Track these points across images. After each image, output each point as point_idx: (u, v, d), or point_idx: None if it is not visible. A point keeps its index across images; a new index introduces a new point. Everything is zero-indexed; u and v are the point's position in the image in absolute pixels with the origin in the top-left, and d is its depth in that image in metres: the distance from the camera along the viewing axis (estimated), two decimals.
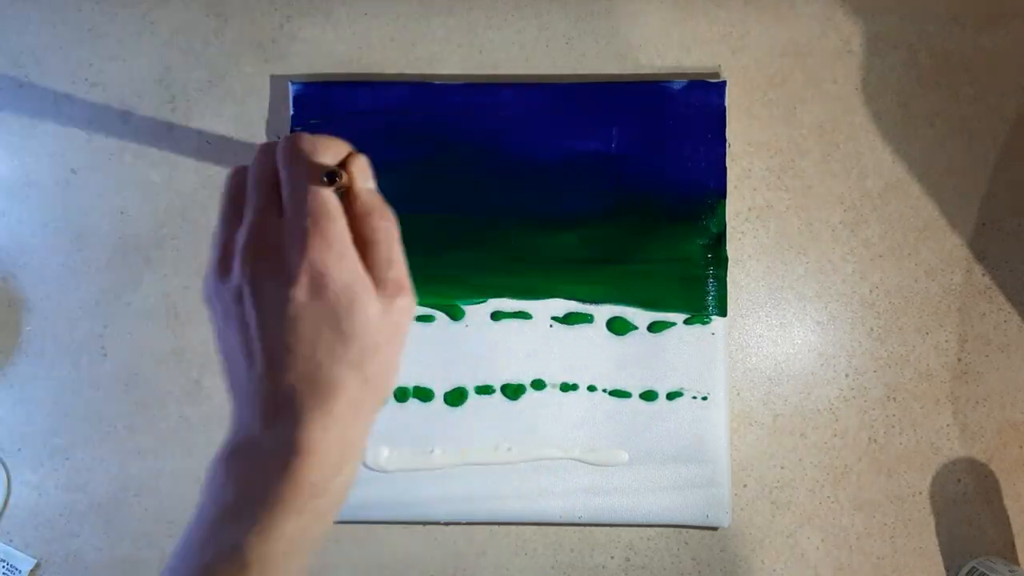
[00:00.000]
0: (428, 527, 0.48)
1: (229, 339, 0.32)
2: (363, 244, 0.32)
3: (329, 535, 0.48)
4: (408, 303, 0.32)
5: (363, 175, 0.33)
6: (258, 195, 0.32)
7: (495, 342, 0.47)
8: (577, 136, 0.48)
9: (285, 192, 0.31)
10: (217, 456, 0.31)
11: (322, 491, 0.30)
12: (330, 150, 0.32)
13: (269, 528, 0.29)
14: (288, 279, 0.30)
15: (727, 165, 0.48)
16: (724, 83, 0.47)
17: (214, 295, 0.32)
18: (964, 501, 0.48)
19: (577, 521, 0.47)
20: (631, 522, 0.47)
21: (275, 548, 0.29)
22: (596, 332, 0.47)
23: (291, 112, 0.48)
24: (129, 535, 0.48)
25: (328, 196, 0.31)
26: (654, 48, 0.49)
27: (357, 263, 0.31)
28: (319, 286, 0.30)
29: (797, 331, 0.48)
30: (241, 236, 0.31)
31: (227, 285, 0.31)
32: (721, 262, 0.47)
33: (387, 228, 0.32)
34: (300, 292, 0.30)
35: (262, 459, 0.30)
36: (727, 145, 0.48)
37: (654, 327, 0.47)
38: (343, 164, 0.32)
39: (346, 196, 0.32)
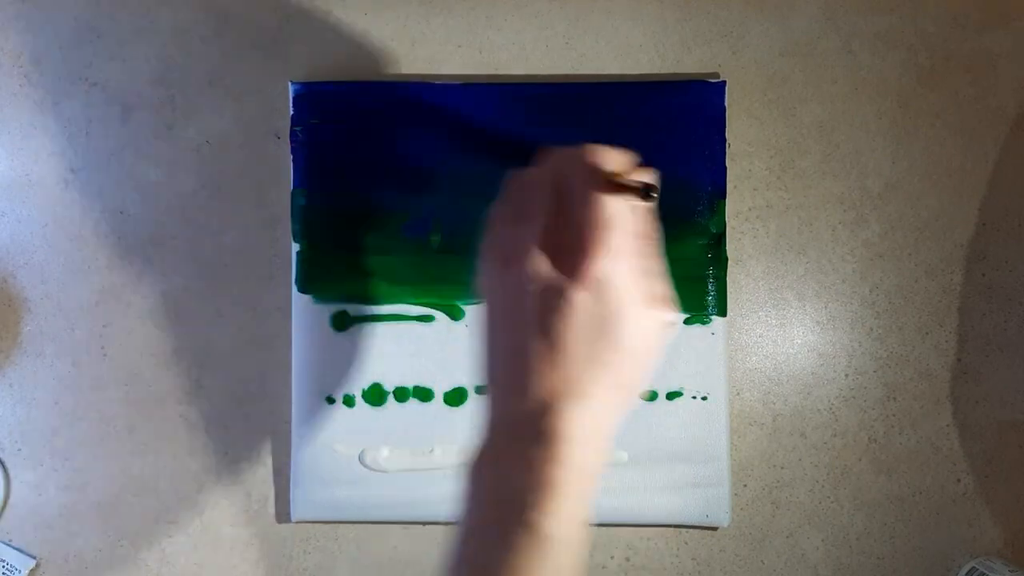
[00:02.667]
0: (428, 527, 0.48)
1: (500, 332, 0.34)
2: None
3: (329, 535, 0.48)
4: (671, 318, 0.34)
5: (651, 188, 0.34)
6: (544, 198, 0.34)
7: None
8: (577, 136, 0.47)
9: (578, 199, 0.33)
10: (479, 448, 0.33)
11: (586, 477, 0.32)
12: (615, 159, 0.34)
13: (554, 508, 0.30)
14: (571, 281, 0.32)
15: (727, 165, 0.48)
16: (724, 83, 0.47)
17: (492, 288, 0.34)
18: (964, 501, 0.48)
19: None
20: (631, 522, 0.47)
21: (564, 530, 0.30)
22: None
23: (291, 112, 0.48)
24: (129, 535, 0.48)
25: (617, 207, 0.32)
26: (654, 48, 0.49)
27: (636, 275, 0.33)
28: (599, 292, 0.32)
29: (797, 331, 0.48)
30: (527, 235, 0.33)
31: (509, 280, 0.33)
32: (721, 262, 0.47)
33: (652, 243, 0.34)
34: (580, 295, 0.32)
35: (530, 448, 0.31)
36: (727, 145, 0.48)
37: None
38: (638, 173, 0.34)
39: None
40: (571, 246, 0.32)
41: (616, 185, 0.32)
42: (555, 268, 0.32)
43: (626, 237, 0.33)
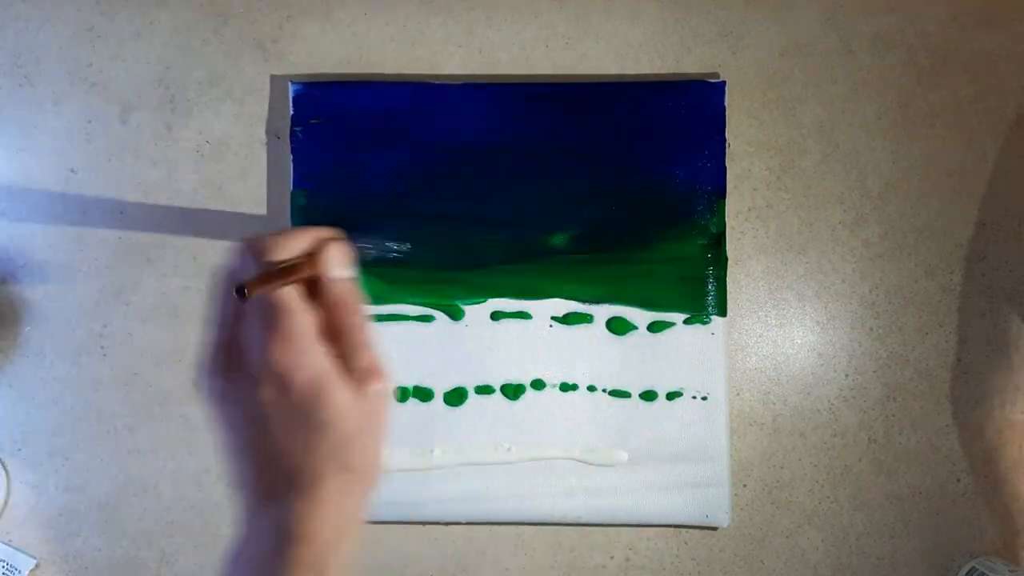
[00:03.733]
0: (428, 527, 0.48)
1: (225, 437, 0.33)
2: (334, 332, 0.32)
3: None
4: (382, 389, 0.33)
5: (334, 264, 0.33)
6: (223, 297, 0.33)
7: (495, 342, 0.47)
8: (577, 136, 0.48)
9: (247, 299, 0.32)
10: (229, 549, 0.32)
11: (321, 570, 0.31)
12: (293, 244, 0.33)
13: None
14: (254, 381, 0.31)
15: (727, 165, 0.48)
16: (724, 83, 0.47)
17: (207, 396, 0.33)
18: (964, 501, 0.48)
19: (577, 521, 0.47)
20: (631, 522, 0.47)
21: None
22: (596, 332, 0.47)
23: (291, 112, 0.48)
24: (129, 535, 0.48)
25: (284, 293, 0.31)
26: (654, 48, 0.49)
27: (321, 355, 0.31)
28: (284, 384, 0.31)
29: (797, 331, 0.48)
30: (209, 344, 0.32)
31: (209, 389, 0.32)
32: (721, 262, 0.47)
33: (354, 316, 0.33)
34: (267, 392, 0.31)
35: (261, 548, 0.31)
36: (727, 145, 0.48)
37: (654, 327, 0.47)
38: (312, 253, 0.33)
39: (318, 285, 0.32)
40: (249, 344, 0.31)
41: (239, 288, 0.31)
42: (233, 368, 0.32)
43: (301, 320, 0.31)
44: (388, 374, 0.33)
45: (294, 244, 0.33)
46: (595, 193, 0.47)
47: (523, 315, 0.47)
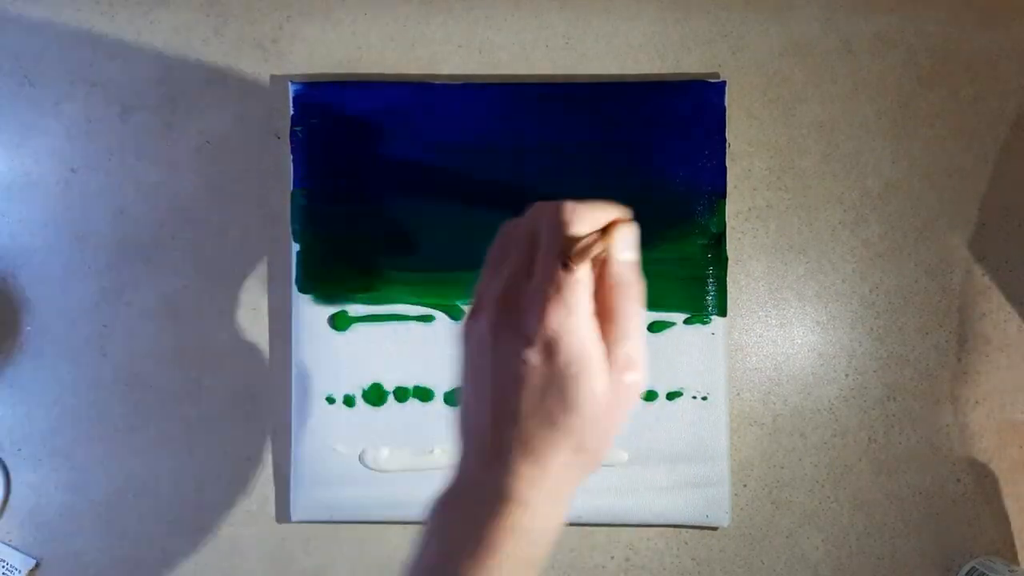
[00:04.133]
0: None
1: (468, 382, 0.33)
2: (604, 314, 0.32)
3: (329, 535, 0.48)
4: (638, 380, 0.33)
5: (623, 245, 0.33)
6: (518, 252, 0.33)
7: None
8: (577, 136, 0.48)
9: (538, 255, 0.32)
10: (438, 496, 0.32)
11: (532, 541, 0.31)
12: (591, 218, 0.33)
13: (487, 571, 0.30)
14: (524, 340, 0.31)
15: (727, 165, 0.48)
16: (724, 83, 0.47)
17: (465, 337, 0.33)
18: (964, 501, 0.48)
19: (577, 521, 0.47)
20: (631, 522, 0.47)
21: None
22: None
23: (291, 112, 0.48)
24: (129, 535, 0.48)
25: (582, 267, 0.31)
26: (654, 48, 0.49)
27: (593, 335, 0.31)
28: (552, 352, 0.31)
29: (797, 331, 0.48)
30: (492, 289, 0.33)
31: (475, 332, 0.33)
32: (721, 262, 0.47)
33: (630, 303, 0.33)
34: (533, 355, 0.31)
35: (478, 504, 0.31)
36: (727, 145, 0.48)
37: (654, 327, 0.47)
38: (606, 230, 0.33)
39: (602, 263, 0.32)
40: (527, 303, 0.32)
41: (582, 247, 0.31)
42: (511, 324, 0.32)
43: (585, 297, 0.31)
44: (645, 367, 0.33)
45: (594, 218, 0.33)
46: (595, 193, 0.47)
47: None
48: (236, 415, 0.48)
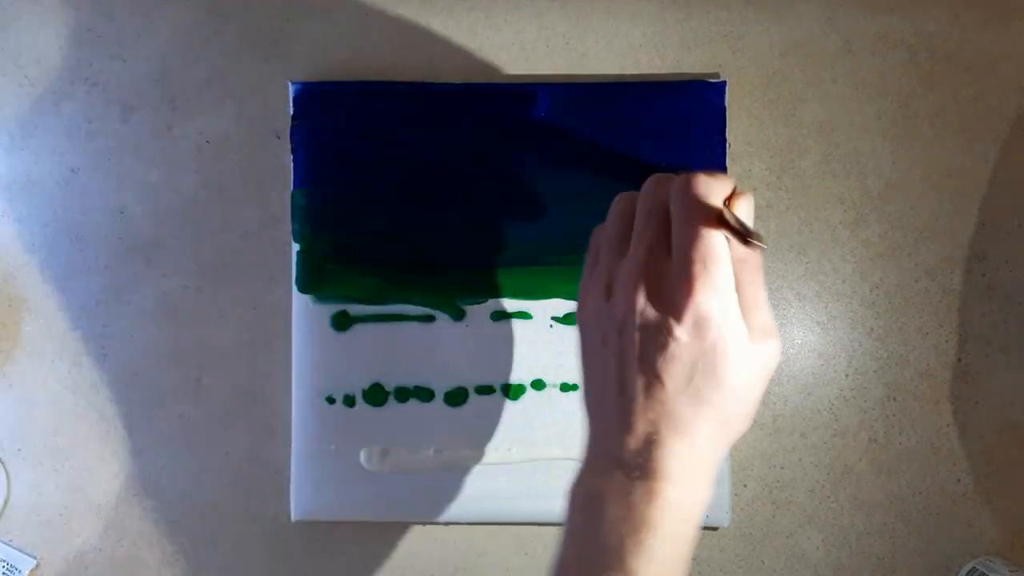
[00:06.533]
0: (428, 527, 0.48)
1: (601, 363, 0.33)
2: (736, 287, 0.32)
3: (329, 535, 0.48)
4: (775, 349, 0.33)
5: (747, 216, 0.33)
6: (648, 228, 0.33)
7: (495, 342, 0.47)
8: (577, 136, 0.48)
9: (676, 231, 0.32)
10: (578, 478, 0.32)
11: (684, 518, 0.31)
12: (719, 190, 0.33)
13: (649, 551, 0.30)
14: (674, 317, 0.31)
15: (727, 165, 0.48)
16: (724, 83, 0.47)
17: (594, 318, 0.33)
18: (964, 501, 0.48)
19: None
20: None
21: (658, 569, 0.30)
22: None
23: (291, 112, 0.48)
24: (129, 535, 0.48)
25: (719, 240, 0.32)
26: (654, 48, 0.49)
27: (737, 310, 0.32)
28: (701, 328, 0.31)
29: (797, 331, 0.48)
30: (630, 266, 0.32)
31: (611, 312, 0.32)
32: None
33: (756, 273, 0.33)
34: (683, 331, 0.31)
35: (629, 483, 0.31)
36: (727, 145, 0.48)
37: None
38: (727, 201, 0.33)
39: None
40: (672, 279, 0.31)
41: (720, 220, 0.32)
42: (656, 301, 0.32)
43: (729, 272, 0.32)
44: (778, 334, 0.33)
45: (720, 189, 0.33)
46: (595, 192, 0.47)
47: (524, 315, 0.47)
48: (236, 415, 0.48)
